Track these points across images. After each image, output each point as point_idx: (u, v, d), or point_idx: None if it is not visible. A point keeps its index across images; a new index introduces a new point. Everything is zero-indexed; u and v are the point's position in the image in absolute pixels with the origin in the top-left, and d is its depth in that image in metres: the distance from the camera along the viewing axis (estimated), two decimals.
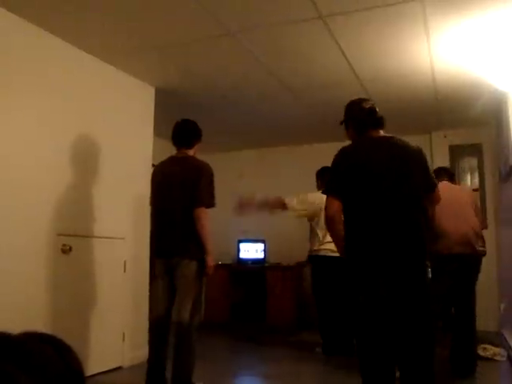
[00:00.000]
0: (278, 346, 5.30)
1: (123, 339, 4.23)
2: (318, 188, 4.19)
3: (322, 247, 4.68)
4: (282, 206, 4.77)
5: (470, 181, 6.49)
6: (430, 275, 3.35)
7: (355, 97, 5.09)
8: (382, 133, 2.80)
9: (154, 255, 3.61)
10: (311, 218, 4.83)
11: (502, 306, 5.63)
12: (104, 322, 4.02)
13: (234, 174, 5.10)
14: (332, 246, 3.50)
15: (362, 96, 5.04)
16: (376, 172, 2.62)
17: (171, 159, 3.63)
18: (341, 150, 2.82)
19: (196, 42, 3.91)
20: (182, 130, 3.65)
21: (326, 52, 4.07)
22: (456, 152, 6.53)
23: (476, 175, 6.47)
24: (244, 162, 4.99)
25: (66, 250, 3.74)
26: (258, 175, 4.84)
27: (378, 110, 2.83)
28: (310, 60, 4.25)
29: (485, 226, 4.45)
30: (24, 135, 3.47)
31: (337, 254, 3.10)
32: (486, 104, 5.17)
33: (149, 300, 3.49)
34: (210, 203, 3.45)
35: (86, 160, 4.01)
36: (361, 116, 2.83)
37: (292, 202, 4.75)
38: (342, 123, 3.01)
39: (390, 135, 2.78)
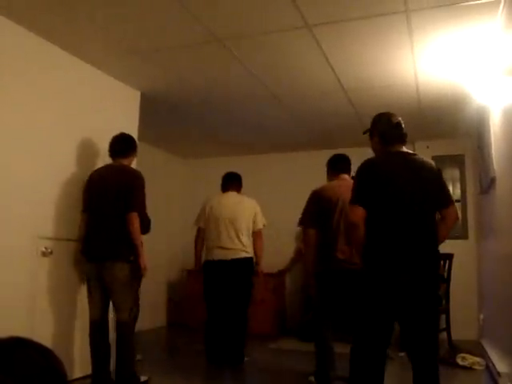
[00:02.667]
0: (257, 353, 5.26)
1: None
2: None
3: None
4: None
5: (451, 192, 6.54)
6: None
7: (340, 106, 5.18)
8: (404, 148, 2.95)
9: (85, 259, 3.69)
10: None
11: (481, 316, 5.69)
12: (85, 326, 3.98)
13: (218, 179, 5.14)
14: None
15: (346, 105, 5.14)
16: (398, 185, 2.77)
17: (106, 167, 3.82)
18: (366, 161, 2.94)
19: (183, 48, 3.91)
20: (118, 142, 3.85)
21: (312, 61, 4.10)
22: (438, 163, 6.54)
23: (458, 186, 6.54)
24: (231, 168, 5.00)
25: (47, 254, 3.71)
26: (244, 182, 4.86)
27: (403, 125, 2.98)
28: (295, 68, 4.28)
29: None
30: (5, 138, 3.43)
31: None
32: (468, 116, 5.24)
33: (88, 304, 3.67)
34: (140, 209, 3.62)
35: (68, 163, 3.98)
36: (388, 130, 2.96)
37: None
38: (365, 133, 3.14)
39: (413, 152, 2.95)
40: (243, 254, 4.63)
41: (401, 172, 2.81)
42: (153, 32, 3.65)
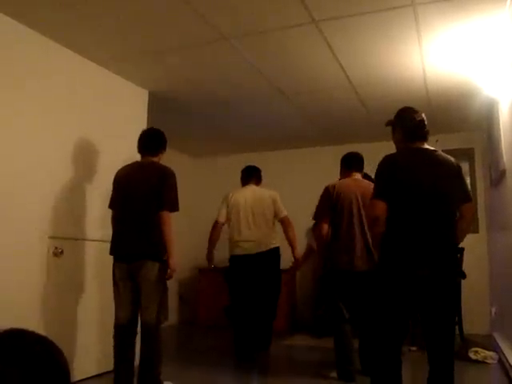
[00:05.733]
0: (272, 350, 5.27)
1: None
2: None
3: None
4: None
5: None
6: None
7: (348, 101, 5.17)
8: (426, 145, 2.99)
9: (114, 259, 3.52)
10: None
11: (494, 310, 5.66)
12: (96, 325, 4.01)
13: (231, 177, 5.18)
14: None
15: (354, 100, 5.12)
16: (419, 181, 2.82)
17: (135, 164, 3.67)
18: (388, 157, 2.99)
19: (190, 47, 3.92)
20: (147, 138, 3.70)
21: (319, 56, 4.09)
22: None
23: (467, 180, 6.49)
24: (239, 166, 5.03)
25: (58, 253, 3.73)
26: None
27: (426, 122, 3.02)
28: (303, 64, 4.27)
29: None
30: (15, 137, 3.46)
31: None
32: (478, 109, 5.21)
33: (114, 305, 3.48)
34: (173, 207, 3.50)
35: (78, 163, 4.00)
36: (411, 127, 3.01)
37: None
38: (387, 125, 3.18)
39: (434, 149, 2.99)
40: (268, 246, 4.65)
41: (421, 168, 2.85)
42: (160, 31, 3.66)
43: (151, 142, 3.69)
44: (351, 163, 4.16)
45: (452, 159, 2.98)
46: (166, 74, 4.54)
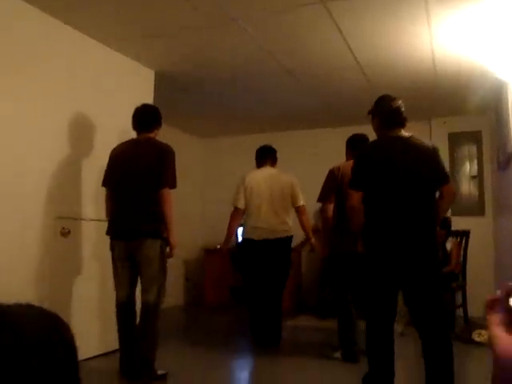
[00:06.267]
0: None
1: None
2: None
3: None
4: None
5: (469, 168, 6.49)
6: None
7: (356, 81, 5.13)
8: (402, 132, 3.09)
9: (112, 237, 3.50)
10: None
11: (498, 293, 5.67)
12: (104, 305, 4.04)
13: (238, 158, 5.20)
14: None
15: (362, 81, 5.08)
16: (395, 169, 2.97)
17: (132, 141, 3.60)
18: (364, 147, 3.32)
19: (198, 28, 3.89)
20: (141, 115, 3.63)
21: (327, 37, 4.06)
22: (455, 139, 6.53)
23: (475, 162, 6.47)
24: (247, 147, 5.02)
25: (65, 233, 3.76)
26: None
27: (403, 109, 3.10)
28: (311, 45, 4.24)
29: None
30: (20, 118, 3.46)
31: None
32: (486, 92, 5.16)
33: (114, 284, 3.50)
34: (172, 184, 3.45)
35: (85, 143, 4.01)
36: (387, 113, 3.11)
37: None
38: (369, 113, 3.30)
39: (409, 134, 3.09)
40: (283, 234, 4.56)
41: (397, 155, 2.99)
42: (166, 12, 3.62)
43: (146, 117, 3.63)
44: (356, 144, 4.15)
45: (428, 143, 3.13)
46: (173, 54, 4.52)
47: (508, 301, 0.65)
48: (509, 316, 0.64)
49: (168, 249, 3.42)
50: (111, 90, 4.30)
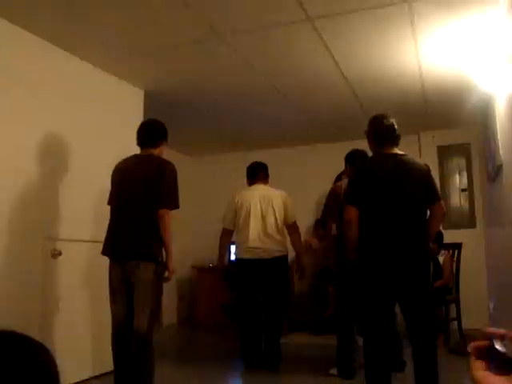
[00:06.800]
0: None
1: None
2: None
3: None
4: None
5: (458, 181, 6.53)
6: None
7: (344, 97, 5.17)
8: (396, 149, 3.19)
9: (110, 260, 3.30)
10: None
11: (491, 305, 5.67)
12: (95, 326, 4.01)
13: (227, 175, 5.19)
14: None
15: (350, 97, 5.12)
16: (388, 186, 3.07)
17: (134, 157, 3.44)
18: (359, 165, 3.43)
19: (186, 45, 3.91)
20: (145, 129, 3.48)
21: (315, 54, 4.09)
22: (444, 152, 6.58)
23: (464, 175, 6.51)
24: (236, 164, 5.01)
25: (56, 255, 3.72)
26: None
27: (396, 128, 3.20)
28: (298, 62, 4.26)
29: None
30: (15, 140, 3.45)
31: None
32: (474, 105, 5.21)
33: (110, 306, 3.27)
34: (174, 205, 3.27)
35: (75, 163, 3.99)
36: (380, 131, 3.22)
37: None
38: (365, 133, 3.37)
39: (402, 153, 3.19)
40: (276, 253, 4.40)
41: (390, 173, 3.09)
42: (154, 30, 3.65)
43: (149, 132, 3.46)
44: (354, 160, 4.16)
45: (420, 162, 3.25)
46: (162, 73, 4.54)
47: (494, 347, 0.65)
48: (498, 360, 0.65)
49: (166, 273, 3.23)
50: (101, 110, 4.30)
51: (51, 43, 3.78)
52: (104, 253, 3.31)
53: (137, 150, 3.51)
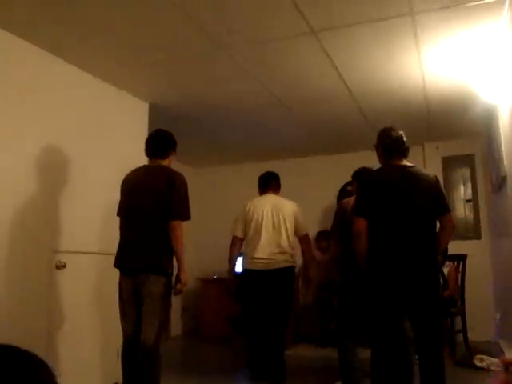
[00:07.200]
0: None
1: (118, 356, 4.19)
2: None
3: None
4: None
5: (463, 192, 6.52)
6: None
7: (348, 110, 5.19)
8: (404, 161, 3.21)
9: (120, 272, 3.25)
10: None
11: (498, 316, 5.64)
12: (99, 338, 4.00)
13: (232, 187, 5.19)
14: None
15: (354, 109, 5.13)
16: (397, 198, 3.08)
17: (143, 168, 3.41)
18: (368, 175, 3.43)
19: (189, 58, 3.94)
20: (155, 140, 3.46)
21: (318, 66, 4.11)
22: (449, 163, 6.58)
23: (469, 186, 6.50)
24: (240, 176, 5.02)
25: (60, 267, 3.72)
26: (255, 189, 4.81)
27: (405, 140, 3.22)
28: (302, 74, 4.28)
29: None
30: (18, 152, 3.47)
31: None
32: (478, 116, 5.22)
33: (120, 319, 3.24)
34: (185, 216, 3.23)
35: (80, 176, 4.00)
36: (388, 144, 3.24)
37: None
38: (374, 146, 3.38)
39: (411, 165, 3.21)
40: (284, 264, 4.37)
41: (399, 185, 3.10)
42: (159, 43, 3.67)
43: (158, 143, 3.44)
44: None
45: (429, 174, 3.25)
46: (166, 86, 4.56)
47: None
48: None
49: (178, 285, 3.17)
50: (106, 123, 4.32)
51: (53, 54, 3.81)
52: (115, 265, 3.28)
53: (142, 161, 3.51)
